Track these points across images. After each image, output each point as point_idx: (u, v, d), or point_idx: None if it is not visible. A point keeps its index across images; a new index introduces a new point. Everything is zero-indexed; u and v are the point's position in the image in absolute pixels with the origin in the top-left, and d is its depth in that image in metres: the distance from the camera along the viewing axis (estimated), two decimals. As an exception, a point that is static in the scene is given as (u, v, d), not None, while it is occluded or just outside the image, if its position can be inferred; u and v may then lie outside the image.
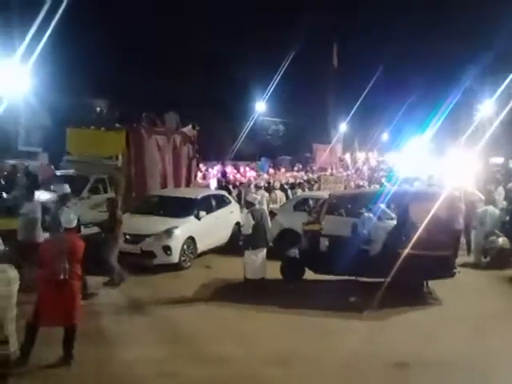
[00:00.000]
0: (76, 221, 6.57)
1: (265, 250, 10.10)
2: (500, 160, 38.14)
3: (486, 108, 35.23)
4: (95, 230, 13.98)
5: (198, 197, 12.63)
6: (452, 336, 7.87)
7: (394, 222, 10.95)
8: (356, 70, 46.49)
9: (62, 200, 9.53)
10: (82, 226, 13.11)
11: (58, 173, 15.76)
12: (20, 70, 18.83)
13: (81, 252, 6.43)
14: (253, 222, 9.85)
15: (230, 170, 24.12)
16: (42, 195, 13.54)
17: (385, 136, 57.99)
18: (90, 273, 8.27)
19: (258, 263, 9.87)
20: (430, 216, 10.32)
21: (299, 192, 16.17)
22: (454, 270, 9.87)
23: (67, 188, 9.84)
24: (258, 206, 10.35)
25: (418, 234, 10.16)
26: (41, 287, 6.27)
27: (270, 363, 6.74)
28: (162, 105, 18.75)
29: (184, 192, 14.04)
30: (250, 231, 9.87)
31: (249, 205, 10.43)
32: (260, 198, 11.94)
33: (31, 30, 18.50)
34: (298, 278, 10.58)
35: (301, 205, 13.78)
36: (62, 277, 6.16)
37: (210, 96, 37.13)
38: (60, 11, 18.66)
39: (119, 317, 8.28)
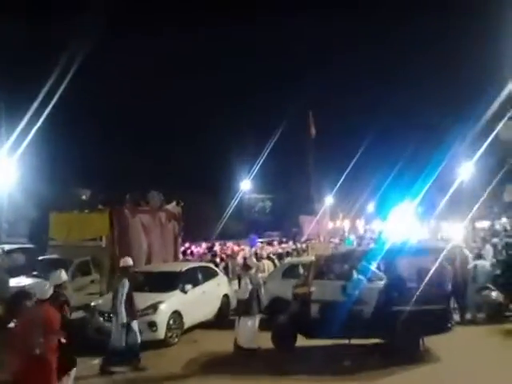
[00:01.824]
0: (50, 292, 6.32)
1: (258, 318, 9.83)
2: (486, 224, 38.56)
3: (466, 171, 35.94)
4: (81, 313, 13.68)
5: (183, 269, 12.39)
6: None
7: (384, 282, 10.77)
8: (335, 139, 47.83)
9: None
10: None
11: (40, 258, 15.49)
12: (6, 162, 19.16)
13: (56, 324, 6.16)
14: (250, 287, 9.66)
15: (217, 245, 23.96)
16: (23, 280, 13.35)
17: (370, 207, 58.59)
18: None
19: (252, 330, 9.56)
20: (420, 271, 10.31)
21: (287, 260, 15.97)
22: (449, 324, 9.63)
23: (64, 276, 8.00)
24: (253, 271, 10.19)
25: (410, 289, 10.05)
26: (15, 363, 5.91)
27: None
28: (145, 186, 18.92)
29: (168, 266, 13.80)
30: (247, 296, 9.62)
31: (247, 268, 10.27)
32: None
33: (20, 125, 19.22)
34: (290, 346, 10.18)
35: (289, 272, 13.51)
36: (37, 352, 5.83)
37: (195, 177, 37.80)
38: (48, 108, 19.51)
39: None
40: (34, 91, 19.38)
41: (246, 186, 40.57)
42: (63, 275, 7.85)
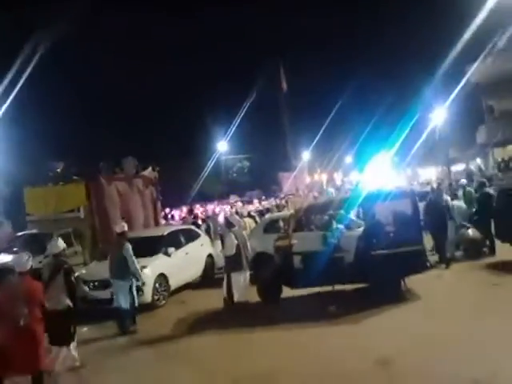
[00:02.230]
0: (30, 263, 6.27)
1: (248, 272, 9.97)
2: (461, 167, 39.26)
3: (439, 116, 36.19)
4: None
5: (165, 233, 12.40)
6: (433, 330, 7.73)
7: (362, 229, 10.96)
8: (310, 94, 47.55)
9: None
10: None
11: (19, 233, 15.34)
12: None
13: (39, 294, 6.13)
14: (236, 242, 9.75)
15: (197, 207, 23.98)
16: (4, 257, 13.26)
17: (348, 158, 58.96)
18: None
19: (244, 285, 9.72)
20: (395, 214, 10.51)
21: (268, 215, 16.06)
22: (427, 263, 9.92)
23: (61, 243, 7.92)
24: (237, 228, 10.26)
25: (387, 233, 10.27)
26: (1, 337, 5.91)
27: (258, 382, 6.58)
28: (119, 154, 18.66)
29: (149, 231, 13.81)
30: (234, 251, 9.71)
31: (230, 225, 10.40)
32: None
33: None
34: (276, 297, 10.40)
35: (270, 227, 13.64)
36: (22, 323, 5.83)
37: (171, 141, 37.40)
38: (19, 83, 18.93)
39: (102, 360, 7.87)
40: (4, 67, 18.86)
41: (222, 147, 40.36)
42: (60, 243, 7.84)
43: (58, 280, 7.34)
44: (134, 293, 9.48)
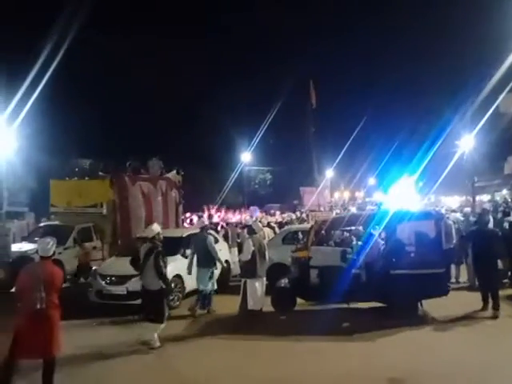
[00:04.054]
0: (53, 249, 6.34)
1: (264, 279, 9.92)
2: (487, 197, 38.55)
3: (465, 143, 35.69)
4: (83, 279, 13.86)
5: (184, 235, 12.43)
6: (447, 351, 7.62)
7: (383, 247, 10.82)
8: (336, 112, 47.53)
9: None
10: (68, 276, 13.11)
11: (41, 224, 15.59)
12: (5, 131, 19.04)
13: (59, 280, 6.19)
14: (252, 249, 9.71)
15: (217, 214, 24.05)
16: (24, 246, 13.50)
17: (371, 180, 58.61)
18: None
19: (259, 293, 9.66)
20: (419, 235, 10.36)
21: (287, 227, 15.98)
22: (448, 288, 9.73)
23: (156, 227, 8.70)
24: (258, 235, 10.27)
25: (409, 253, 10.13)
26: (18, 318, 5.98)
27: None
28: (145, 154, 18.87)
29: (169, 232, 13.79)
30: (249, 257, 9.69)
31: (251, 231, 10.31)
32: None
33: (18, 93, 19.09)
34: (289, 309, 10.33)
35: (290, 238, 13.60)
36: (38, 306, 5.89)
37: (196, 148, 37.65)
38: (46, 75, 19.34)
39: (117, 358, 7.80)
40: (34, 59, 19.23)
41: (246, 158, 40.47)
42: (156, 227, 8.69)
43: (150, 261, 8.18)
44: (214, 279, 10.64)
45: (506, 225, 12.58)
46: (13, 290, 7.15)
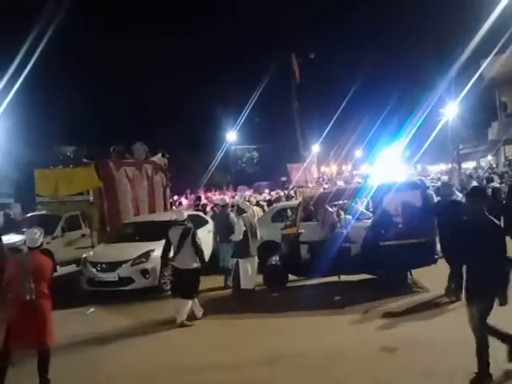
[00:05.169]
0: (41, 240, 6.30)
1: (256, 259, 9.95)
2: (472, 164, 38.85)
3: (450, 111, 35.80)
4: (72, 267, 13.79)
5: (173, 218, 12.38)
6: (439, 319, 7.76)
7: (371, 220, 10.90)
8: (320, 86, 47.22)
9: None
10: (58, 266, 13.06)
11: (28, 215, 15.44)
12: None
13: (48, 270, 6.17)
14: (244, 229, 9.71)
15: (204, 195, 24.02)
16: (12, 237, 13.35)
17: (358, 152, 58.74)
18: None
19: (251, 272, 9.70)
20: (405, 206, 10.42)
21: (276, 204, 15.99)
22: (436, 256, 9.84)
23: (185, 213, 9.89)
24: (247, 214, 10.21)
25: (396, 225, 10.21)
26: (9, 310, 5.97)
27: (261, 365, 6.62)
28: (130, 138, 18.67)
29: (157, 216, 13.82)
30: (241, 237, 9.70)
31: (240, 211, 10.26)
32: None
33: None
34: (282, 286, 10.42)
35: (278, 216, 13.62)
36: (28, 298, 5.88)
37: (181, 130, 37.32)
38: (28, 66, 18.99)
39: (111, 345, 7.87)
40: (14, 49, 18.89)
41: (232, 137, 40.30)
42: (185, 212, 9.24)
43: (186, 243, 8.73)
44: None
45: (489, 191, 12.68)
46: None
